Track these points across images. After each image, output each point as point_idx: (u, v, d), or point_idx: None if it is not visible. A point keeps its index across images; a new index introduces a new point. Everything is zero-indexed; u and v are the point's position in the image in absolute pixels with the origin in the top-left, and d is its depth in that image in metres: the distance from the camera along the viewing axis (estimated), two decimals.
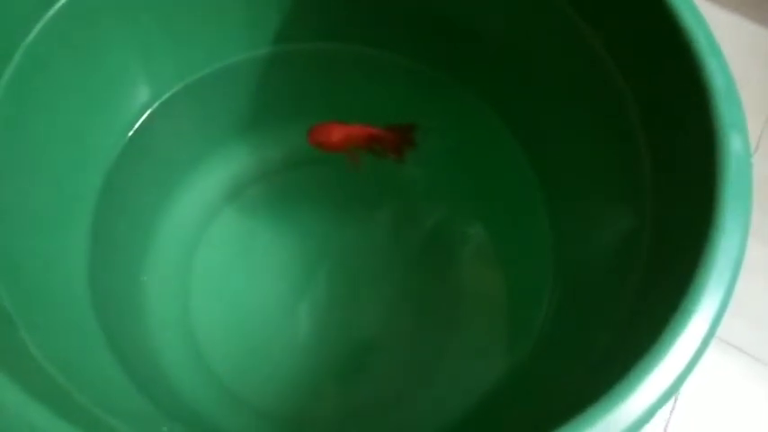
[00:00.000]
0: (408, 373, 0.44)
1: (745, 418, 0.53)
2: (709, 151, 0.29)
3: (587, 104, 0.40)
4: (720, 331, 0.27)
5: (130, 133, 0.43)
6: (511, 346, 0.44)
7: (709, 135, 0.29)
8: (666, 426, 0.51)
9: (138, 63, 0.42)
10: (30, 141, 0.34)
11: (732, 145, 0.29)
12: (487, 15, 0.43)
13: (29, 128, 0.34)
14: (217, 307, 0.45)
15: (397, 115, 0.42)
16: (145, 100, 0.44)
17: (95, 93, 0.40)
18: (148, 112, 0.44)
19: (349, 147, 0.43)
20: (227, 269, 0.47)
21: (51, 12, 0.34)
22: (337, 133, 0.42)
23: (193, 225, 0.47)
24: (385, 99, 0.47)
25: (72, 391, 0.24)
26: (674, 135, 0.33)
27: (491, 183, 0.49)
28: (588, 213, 0.41)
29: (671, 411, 0.52)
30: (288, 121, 0.49)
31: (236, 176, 0.49)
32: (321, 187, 0.50)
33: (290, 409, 0.42)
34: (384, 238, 0.50)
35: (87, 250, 0.38)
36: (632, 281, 0.33)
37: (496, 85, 0.46)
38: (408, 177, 0.49)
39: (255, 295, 0.46)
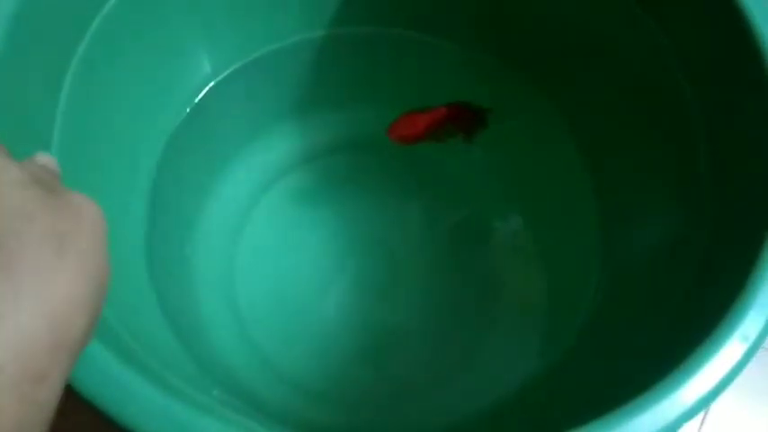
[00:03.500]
0: (443, 359, 0.45)
1: None
2: None
3: (647, 106, 0.40)
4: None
5: (188, 109, 0.44)
6: (549, 340, 0.44)
7: None
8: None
9: (200, 43, 0.43)
10: (98, 115, 0.36)
11: None
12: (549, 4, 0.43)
13: (98, 102, 0.36)
14: (259, 280, 0.46)
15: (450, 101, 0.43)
16: (203, 78, 0.45)
17: (159, 70, 0.41)
18: (205, 89, 0.45)
19: (430, 133, 0.43)
20: (270, 246, 0.48)
21: None
22: (421, 122, 0.42)
23: (242, 199, 0.48)
24: (436, 86, 0.48)
25: (137, 351, 0.25)
26: (737, 148, 0.33)
27: (538, 175, 0.49)
28: (642, 214, 0.41)
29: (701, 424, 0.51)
30: (338, 104, 0.50)
31: (284, 157, 0.50)
32: (365, 172, 0.50)
33: (323, 385, 0.43)
34: (425, 224, 0.50)
35: (145, 218, 0.40)
36: (683, 282, 0.33)
37: (553, 74, 0.46)
38: (453, 165, 0.50)
39: (296, 272, 0.47)
